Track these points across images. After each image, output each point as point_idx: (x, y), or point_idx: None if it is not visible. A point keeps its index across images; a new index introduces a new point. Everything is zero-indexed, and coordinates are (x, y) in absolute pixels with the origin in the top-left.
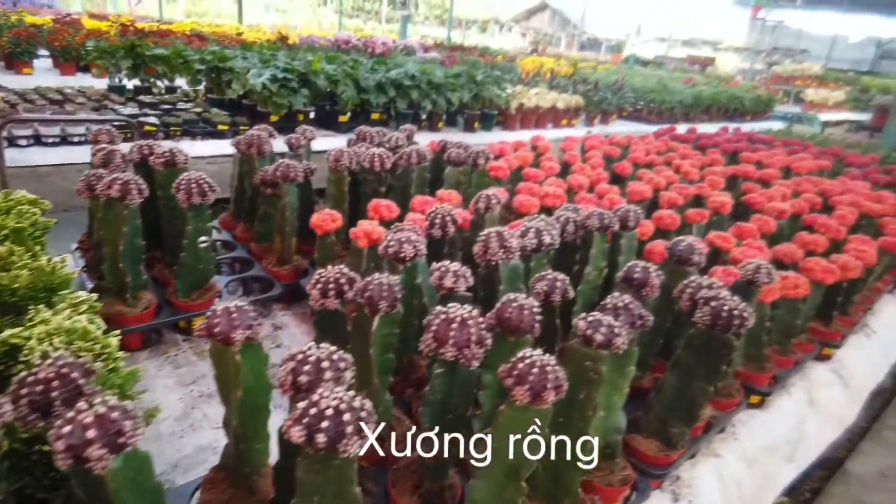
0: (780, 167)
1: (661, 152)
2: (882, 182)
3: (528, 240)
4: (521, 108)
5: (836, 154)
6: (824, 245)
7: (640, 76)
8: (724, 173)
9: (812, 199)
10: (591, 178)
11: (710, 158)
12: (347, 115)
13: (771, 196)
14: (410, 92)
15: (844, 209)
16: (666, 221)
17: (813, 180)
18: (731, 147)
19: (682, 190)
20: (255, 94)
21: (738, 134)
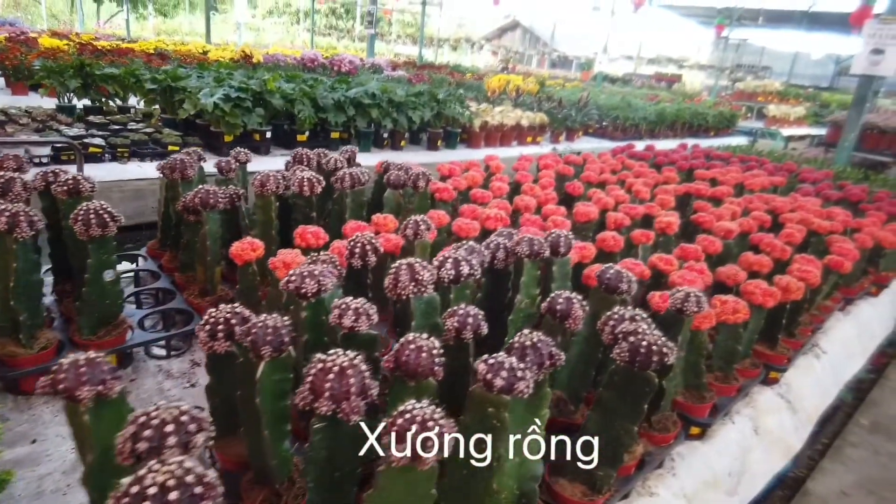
0: (734, 184)
1: (616, 170)
2: (833, 198)
3: (445, 271)
4: (485, 126)
5: (791, 170)
6: (769, 266)
7: (607, 93)
8: (676, 192)
9: (761, 217)
10: (539, 198)
11: (664, 176)
12: (306, 134)
13: (720, 215)
14: (370, 111)
15: (793, 227)
16: (609, 243)
17: (765, 197)
18: (686, 164)
19: (630, 210)
20: (207, 114)
21: (696, 151)
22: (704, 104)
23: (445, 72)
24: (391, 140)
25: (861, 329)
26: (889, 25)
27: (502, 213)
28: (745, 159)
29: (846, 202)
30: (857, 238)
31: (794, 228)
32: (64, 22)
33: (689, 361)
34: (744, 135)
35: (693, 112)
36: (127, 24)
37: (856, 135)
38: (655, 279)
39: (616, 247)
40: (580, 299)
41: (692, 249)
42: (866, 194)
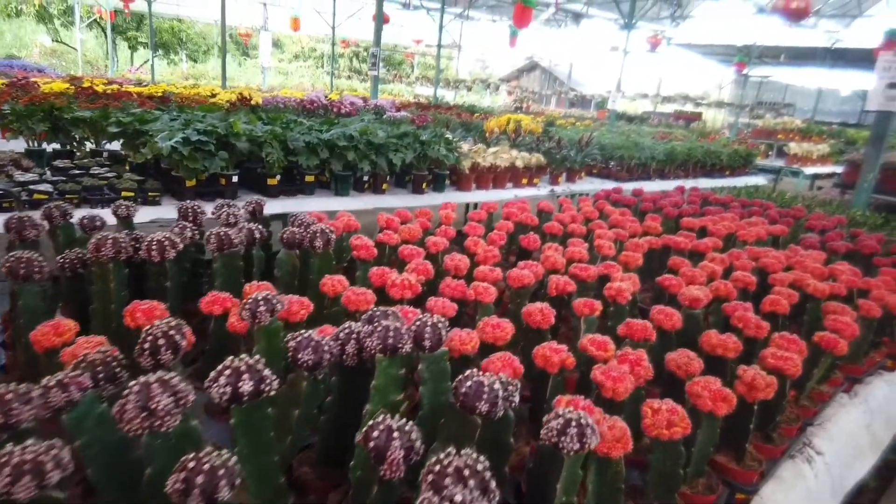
0: (725, 235)
1: (591, 218)
2: (842, 251)
3: (217, 388)
4: (476, 167)
5: (798, 216)
6: (736, 349)
7: (616, 132)
8: (652, 245)
9: (745, 278)
10: (482, 255)
11: (646, 225)
12: (276, 178)
13: (692, 277)
14: (346, 153)
15: (781, 291)
16: (535, 319)
17: (756, 252)
18: (675, 211)
19: (581, 271)
20: (164, 158)
21: (694, 194)
22: (718, 143)
23: (454, 112)
24: (372, 183)
25: (873, 416)
26: None
27: (413, 280)
28: (747, 203)
29: (858, 255)
30: (861, 305)
31: (783, 293)
32: (97, 68)
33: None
34: (765, 174)
35: (706, 151)
36: (152, 69)
37: (875, 175)
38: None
39: (544, 323)
40: (408, 430)
41: (640, 327)
42: (881, 245)
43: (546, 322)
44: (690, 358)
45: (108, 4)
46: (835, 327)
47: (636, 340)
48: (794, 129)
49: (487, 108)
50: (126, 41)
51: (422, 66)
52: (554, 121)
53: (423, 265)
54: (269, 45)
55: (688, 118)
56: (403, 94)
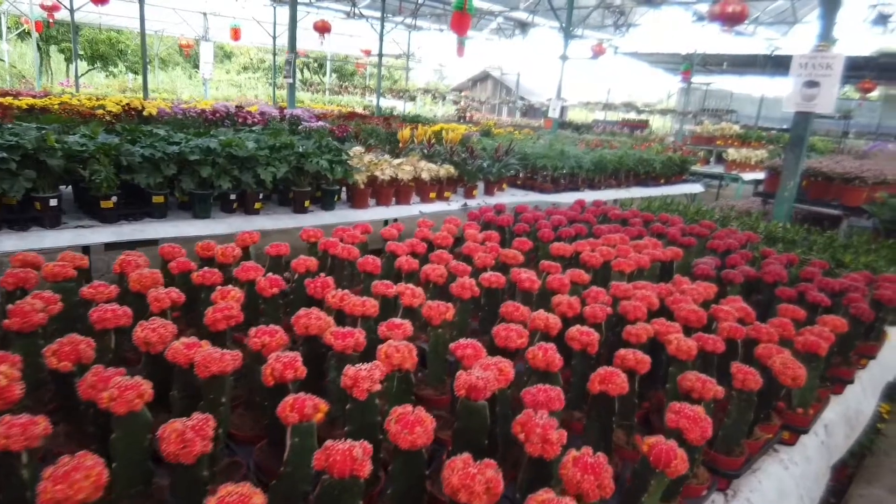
0: (598, 264)
1: (441, 246)
2: (738, 280)
3: None
4: (374, 181)
5: (703, 234)
6: (485, 497)
7: (546, 141)
8: (489, 282)
9: (583, 337)
10: None
11: (504, 254)
12: (111, 199)
13: (507, 338)
14: (200, 169)
15: (628, 359)
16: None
17: (622, 289)
18: (550, 234)
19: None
20: None
21: (590, 211)
22: (651, 150)
23: (382, 123)
24: (241, 203)
25: None
26: (821, 55)
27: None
28: (649, 219)
29: (762, 284)
30: (737, 373)
31: (629, 361)
32: (27, 81)
33: None
34: (706, 180)
35: (637, 159)
36: (76, 81)
37: (795, 183)
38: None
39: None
40: None
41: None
42: (791, 268)
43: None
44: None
45: (33, 15)
46: (678, 424)
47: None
48: (732, 135)
49: (433, 119)
50: (61, 53)
51: (375, 77)
52: (490, 129)
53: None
54: (210, 55)
55: (634, 126)
56: (353, 104)
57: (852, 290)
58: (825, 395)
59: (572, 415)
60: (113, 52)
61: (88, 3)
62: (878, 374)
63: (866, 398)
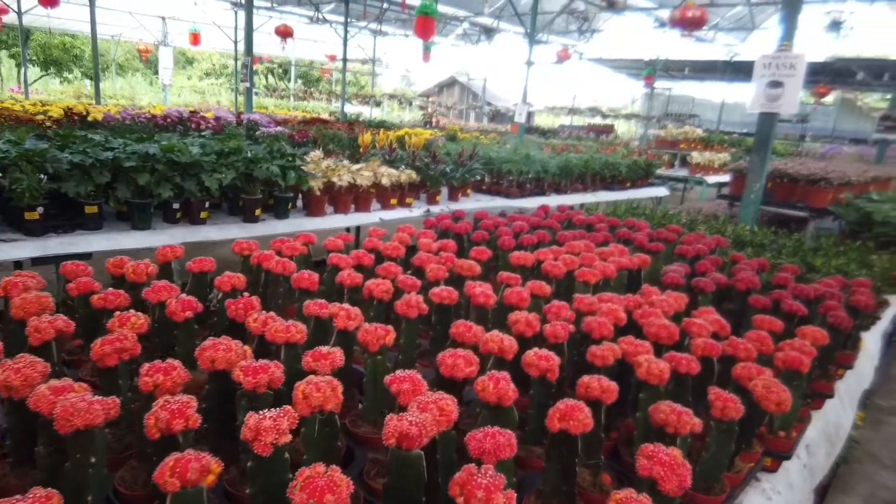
0: (561, 275)
1: (392, 257)
2: (710, 289)
3: None
4: (330, 188)
5: (671, 239)
6: None
7: (513, 146)
8: (441, 298)
9: (540, 362)
10: None
11: (459, 265)
12: (37, 210)
13: (454, 367)
14: (137, 176)
15: (592, 388)
16: None
17: (590, 304)
18: (510, 242)
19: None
20: None
21: (554, 217)
22: (617, 154)
23: (344, 128)
24: (186, 212)
25: None
26: (785, 55)
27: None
28: (615, 224)
29: (734, 292)
30: (715, 400)
31: (593, 390)
32: None
33: None
34: (671, 184)
35: (603, 163)
36: (25, 87)
37: (761, 185)
38: None
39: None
40: None
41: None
42: (762, 273)
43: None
44: None
45: None
46: (652, 473)
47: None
48: (695, 138)
49: (398, 124)
50: (12, 58)
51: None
52: (455, 134)
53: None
54: (169, 60)
55: (599, 130)
56: (319, 111)
57: (828, 296)
58: (806, 414)
59: (532, 451)
60: (67, 57)
61: (38, 5)
62: (855, 383)
63: (845, 411)
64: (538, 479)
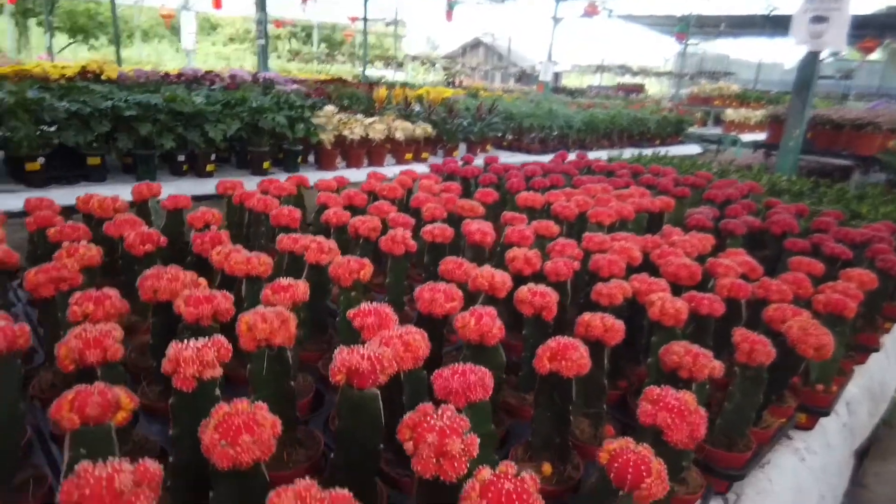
0: (572, 216)
1: (356, 207)
2: (740, 231)
3: None
4: (342, 141)
5: (700, 184)
6: None
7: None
8: (434, 236)
9: (534, 300)
10: None
11: (460, 205)
12: (37, 161)
13: (432, 301)
14: (138, 126)
15: (594, 326)
16: None
17: (601, 242)
18: (520, 184)
19: None
20: None
21: (572, 163)
22: (645, 109)
23: (364, 88)
24: (192, 165)
25: None
26: None
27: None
28: (638, 171)
29: (768, 236)
30: (742, 345)
31: (595, 328)
32: (4, 54)
33: None
34: (703, 143)
35: (631, 119)
36: (50, 53)
37: (801, 132)
38: None
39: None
40: None
41: None
42: (800, 219)
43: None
44: None
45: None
46: (657, 420)
47: None
48: (730, 94)
49: (420, 86)
50: (40, 26)
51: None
52: (477, 93)
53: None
54: (192, 25)
55: (629, 89)
56: (343, 74)
57: (877, 240)
58: (848, 368)
59: (524, 399)
60: (92, 24)
61: None
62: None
63: (891, 367)
64: (527, 433)
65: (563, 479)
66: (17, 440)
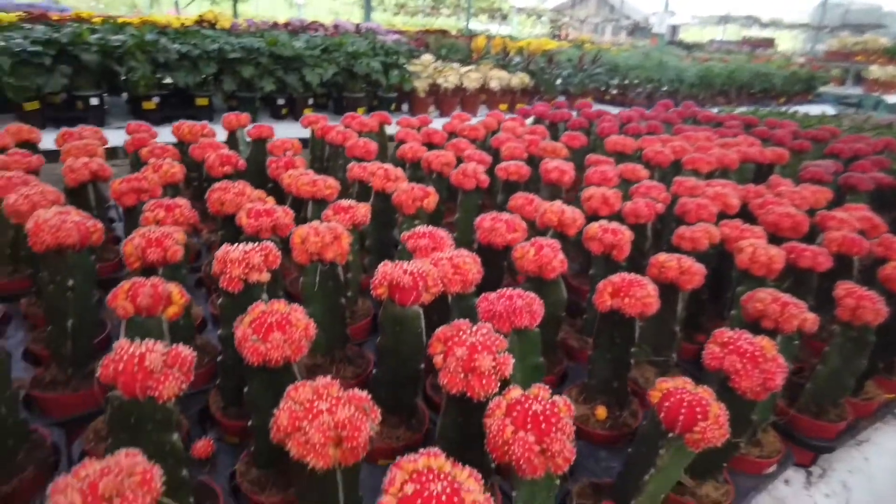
0: (665, 163)
1: (434, 145)
2: (864, 188)
3: None
4: (435, 89)
5: (822, 139)
6: None
7: (655, 56)
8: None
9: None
10: None
11: (543, 147)
12: (153, 100)
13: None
14: (241, 69)
15: (669, 268)
16: None
17: (690, 186)
18: (612, 129)
19: None
20: None
21: (676, 113)
22: (771, 64)
23: (465, 40)
24: (291, 109)
25: None
26: None
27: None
28: (752, 123)
29: None
30: (843, 299)
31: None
32: (138, 9)
33: None
34: (838, 104)
35: (753, 73)
36: (177, 7)
37: None
38: None
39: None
40: None
41: None
42: None
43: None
44: None
45: None
46: (724, 364)
47: None
48: (877, 49)
49: (524, 38)
50: None
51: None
52: (582, 45)
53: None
54: None
55: (756, 44)
56: (448, 27)
57: None
58: None
59: (587, 343)
60: None
61: None
62: None
63: None
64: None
65: (618, 424)
66: (92, 332)
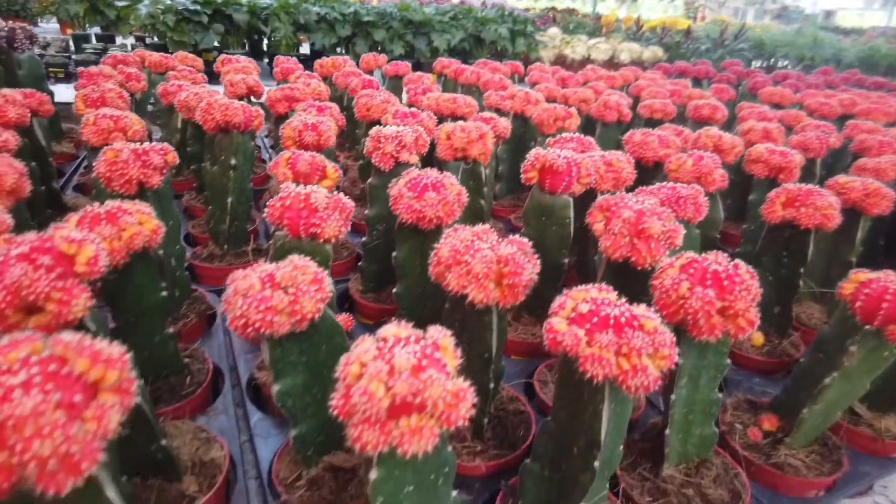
0: (832, 115)
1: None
2: None
3: None
4: (561, 59)
5: None
6: None
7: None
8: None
9: None
10: None
11: (684, 96)
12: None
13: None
14: (373, 32)
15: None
16: None
17: (860, 128)
18: (763, 83)
19: None
20: (148, 29)
21: (841, 78)
22: None
23: (593, 20)
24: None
25: None
26: None
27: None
28: None
29: None
30: None
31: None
32: None
33: None
34: None
35: None
36: None
37: None
38: None
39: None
40: None
41: None
42: None
43: None
44: None
45: None
46: None
47: None
48: None
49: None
50: None
51: None
52: (723, 23)
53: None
54: None
55: None
56: (576, 8)
57: None
58: None
59: None
60: None
61: None
62: None
63: None
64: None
65: (776, 353)
66: (247, 213)
